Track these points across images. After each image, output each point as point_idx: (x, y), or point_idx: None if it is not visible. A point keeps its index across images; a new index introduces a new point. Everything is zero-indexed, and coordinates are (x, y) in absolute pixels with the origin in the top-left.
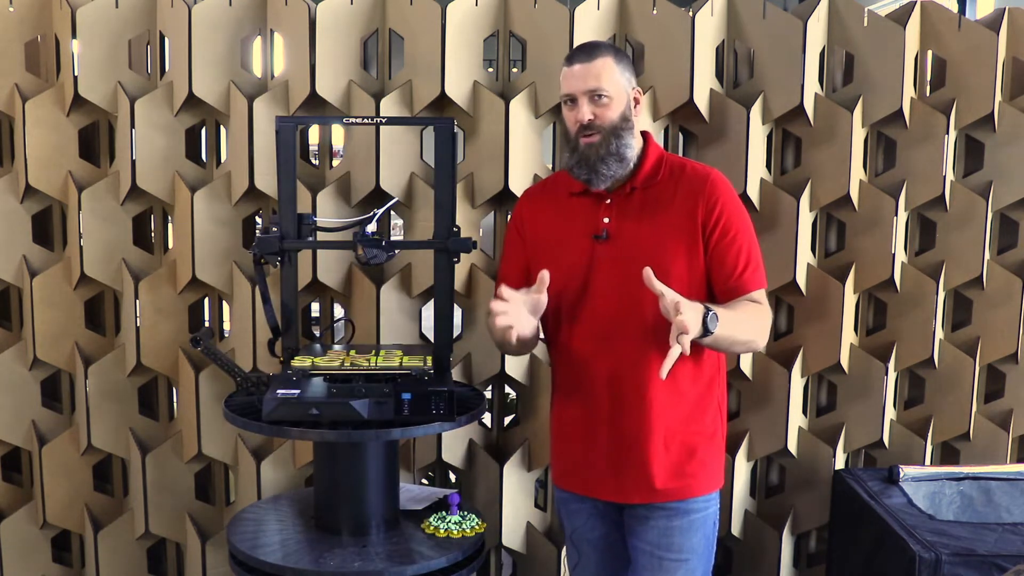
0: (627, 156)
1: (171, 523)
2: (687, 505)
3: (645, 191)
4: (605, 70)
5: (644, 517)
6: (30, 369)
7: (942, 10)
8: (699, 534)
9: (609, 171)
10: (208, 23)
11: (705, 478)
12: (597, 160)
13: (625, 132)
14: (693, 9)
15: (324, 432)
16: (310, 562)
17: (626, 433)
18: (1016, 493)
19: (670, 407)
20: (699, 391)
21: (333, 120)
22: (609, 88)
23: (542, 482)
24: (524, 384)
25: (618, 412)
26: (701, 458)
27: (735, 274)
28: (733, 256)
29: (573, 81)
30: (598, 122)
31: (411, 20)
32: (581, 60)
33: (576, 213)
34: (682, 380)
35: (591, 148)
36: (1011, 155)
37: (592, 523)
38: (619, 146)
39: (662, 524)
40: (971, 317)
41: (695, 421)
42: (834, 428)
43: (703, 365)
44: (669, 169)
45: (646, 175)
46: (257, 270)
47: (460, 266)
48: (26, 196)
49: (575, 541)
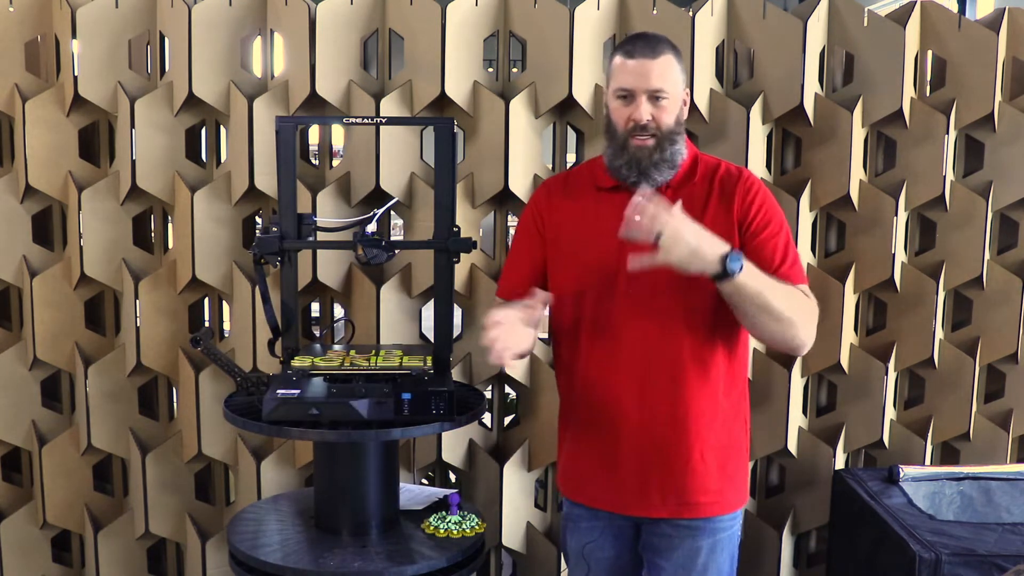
0: (677, 162)
1: (171, 523)
2: (715, 523)
3: (679, 190)
4: (669, 69)
5: (668, 536)
6: (30, 369)
7: (942, 10)
8: (725, 553)
9: (661, 176)
10: (208, 23)
11: (733, 494)
12: (650, 165)
13: (678, 137)
14: (693, 9)
15: (324, 432)
16: (310, 562)
17: (660, 443)
18: (1016, 493)
19: (707, 415)
20: (732, 402)
21: (333, 120)
22: (670, 90)
23: (542, 482)
24: (524, 384)
25: (650, 421)
26: (731, 472)
27: (774, 268)
28: (770, 251)
29: (633, 77)
30: (653, 125)
31: (411, 20)
32: (644, 55)
33: (604, 210)
34: (718, 388)
35: (644, 151)
36: (1011, 155)
37: (604, 542)
38: (672, 152)
39: (688, 544)
40: (971, 317)
41: (728, 432)
42: (834, 428)
43: (735, 374)
44: (704, 169)
45: (682, 175)
46: (257, 270)
47: (460, 266)
48: (26, 196)
49: (586, 555)
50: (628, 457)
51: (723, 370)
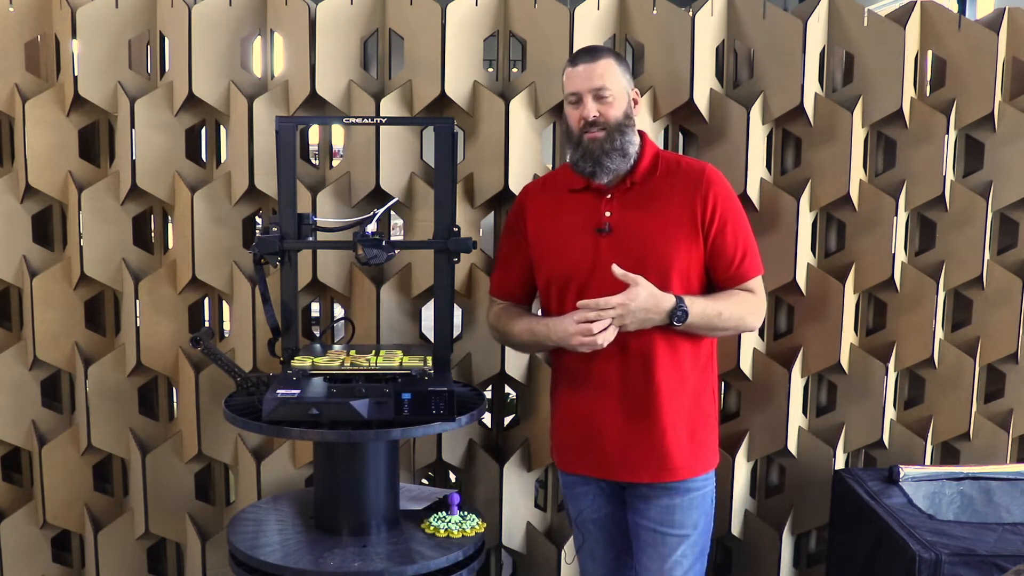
0: (629, 151)
1: (171, 523)
2: (688, 484)
3: (643, 186)
4: (608, 70)
5: (647, 496)
6: (30, 369)
7: (942, 10)
8: (699, 511)
9: (613, 164)
10: (208, 23)
11: (704, 457)
12: (602, 154)
13: (627, 129)
14: (693, 9)
15: (324, 432)
16: (310, 562)
17: (637, 415)
18: (1016, 493)
19: (676, 390)
20: (697, 375)
21: (333, 120)
22: (612, 87)
23: (542, 482)
24: (524, 384)
25: (628, 396)
26: (701, 439)
27: (733, 265)
28: (731, 247)
29: (578, 80)
30: (602, 119)
31: (411, 20)
32: (585, 61)
33: (578, 208)
34: (685, 364)
35: (595, 143)
36: (1011, 155)
37: (598, 503)
38: (622, 142)
39: (664, 502)
40: (971, 317)
41: (696, 403)
42: (834, 428)
43: (700, 350)
44: (666, 165)
45: (644, 171)
46: (257, 270)
47: (460, 266)
48: (26, 196)
49: (580, 523)
50: (609, 429)
51: (689, 347)
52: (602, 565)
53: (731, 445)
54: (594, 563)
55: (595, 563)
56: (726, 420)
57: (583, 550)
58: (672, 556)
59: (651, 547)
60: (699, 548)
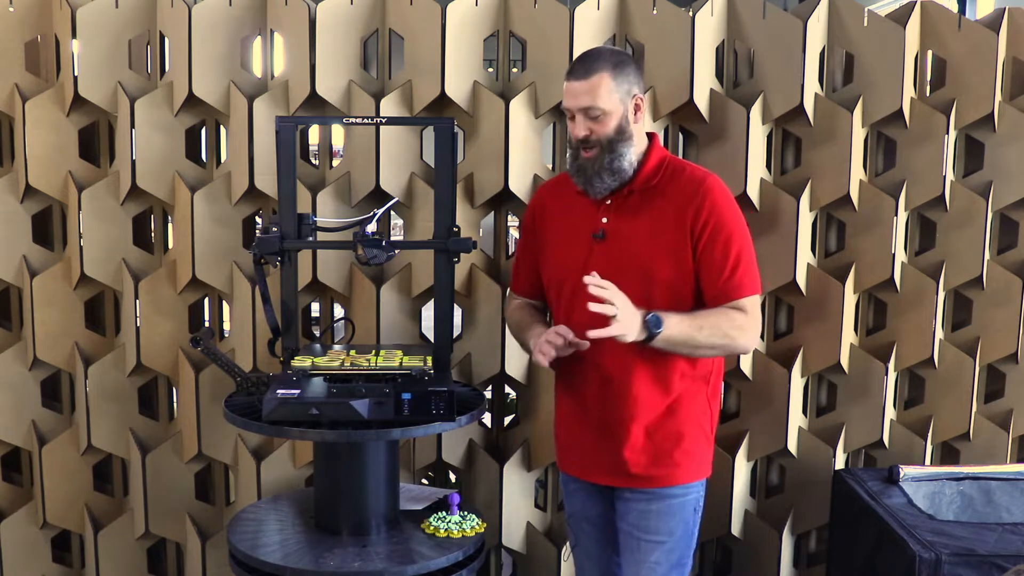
0: (622, 168)
1: (171, 523)
2: (666, 491)
3: (643, 193)
4: (599, 87)
5: (626, 499)
6: (30, 369)
7: (942, 10)
8: (676, 518)
9: (603, 184)
10: (208, 23)
11: (689, 467)
12: (593, 174)
13: (620, 144)
14: (693, 9)
15: (324, 432)
16: (310, 562)
17: (610, 421)
18: (1016, 493)
19: (654, 399)
20: (688, 385)
21: (333, 120)
22: (603, 104)
23: (542, 482)
24: (524, 384)
25: (605, 401)
26: (687, 448)
27: (722, 277)
28: (720, 261)
29: (569, 98)
30: (594, 137)
31: (411, 20)
32: (577, 76)
33: (580, 212)
34: (672, 376)
35: (588, 162)
36: (1011, 155)
37: (590, 503)
38: (613, 159)
39: (641, 507)
40: (971, 317)
41: (682, 412)
42: (834, 428)
43: (696, 362)
44: (669, 172)
45: (645, 178)
46: (257, 270)
47: (460, 266)
48: (26, 196)
49: (575, 522)
50: (589, 434)
51: (680, 359)
52: (596, 563)
53: (731, 445)
54: (589, 561)
55: (590, 561)
56: (726, 420)
57: (578, 548)
58: (646, 561)
59: (627, 551)
60: (676, 556)
